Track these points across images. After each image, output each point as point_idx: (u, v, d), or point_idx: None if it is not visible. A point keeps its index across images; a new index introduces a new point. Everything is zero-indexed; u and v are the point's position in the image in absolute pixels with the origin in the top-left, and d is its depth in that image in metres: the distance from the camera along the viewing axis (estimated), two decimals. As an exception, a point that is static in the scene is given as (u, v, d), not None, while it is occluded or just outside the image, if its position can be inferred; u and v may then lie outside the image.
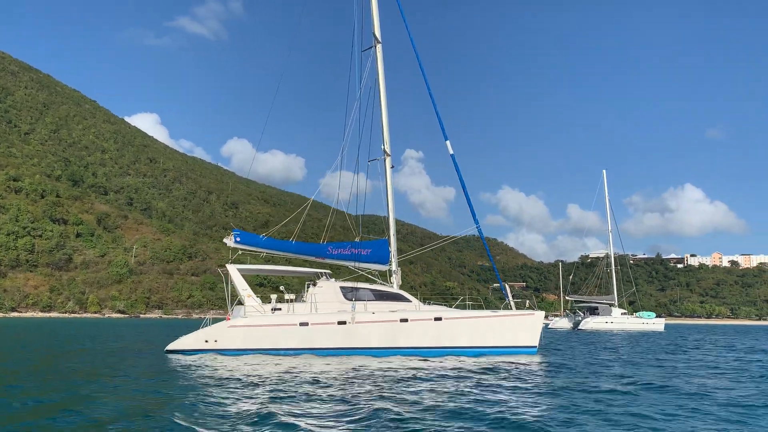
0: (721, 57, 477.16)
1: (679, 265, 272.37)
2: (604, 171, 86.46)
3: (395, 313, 25.03)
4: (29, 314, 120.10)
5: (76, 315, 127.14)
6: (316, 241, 30.95)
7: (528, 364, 21.46)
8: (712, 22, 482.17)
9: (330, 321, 24.33)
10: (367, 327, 24.58)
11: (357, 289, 25.88)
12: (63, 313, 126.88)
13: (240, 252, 27.62)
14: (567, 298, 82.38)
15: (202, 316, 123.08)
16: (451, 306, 28.35)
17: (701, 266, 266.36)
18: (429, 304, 27.55)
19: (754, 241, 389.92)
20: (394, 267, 28.52)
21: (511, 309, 27.51)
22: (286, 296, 26.09)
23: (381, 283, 27.37)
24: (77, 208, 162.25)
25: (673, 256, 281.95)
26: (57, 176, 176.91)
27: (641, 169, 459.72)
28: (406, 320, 24.95)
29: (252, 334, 23.88)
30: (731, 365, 23.37)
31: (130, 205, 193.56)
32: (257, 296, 25.88)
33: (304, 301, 25.88)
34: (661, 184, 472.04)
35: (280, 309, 25.02)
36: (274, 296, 25.79)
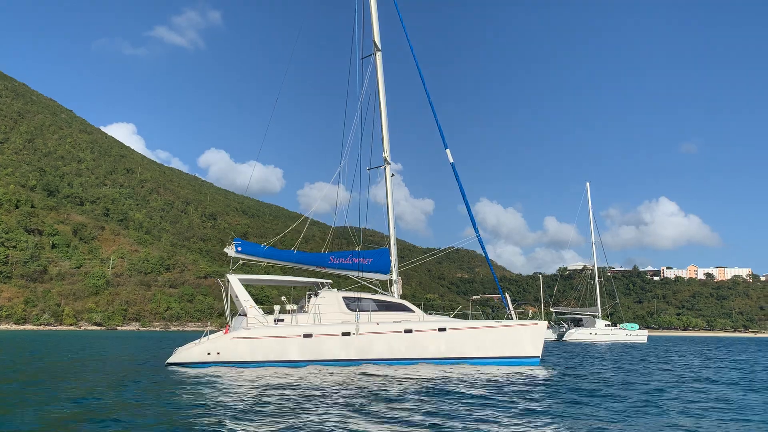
0: (695, 71, 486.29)
1: (656, 278, 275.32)
2: (588, 183, 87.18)
3: (399, 324, 24.64)
4: (3, 327, 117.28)
5: (51, 328, 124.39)
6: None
7: (555, 377, 21.18)
8: (687, 36, 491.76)
9: (334, 332, 23.84)
10: (372, 338, 24.14)
11: (360, 299, 25.44)
12: (38, 325, 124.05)
13: (241, 262, 26.98)
14: (551, 310, 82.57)
15: (180, 329, 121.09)
16: (448, 317, 28.00)
17: (677, 279, 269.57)
18: (431, 314, 27.19)
19: (727, 254, 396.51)
20: (394, 276, 28.19)
21: (513, 319, 27.31)
22: (288, 307, 25.57)
23: (382, 293, 26.97)
24: (53, 218, 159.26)
25: (649, 268, 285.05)
26: (32, 186, 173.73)
27: (618, 182, 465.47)
28: (410, 331, 24.57)
29: (255, 346, 23.28)
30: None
31: (106, 215, 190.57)
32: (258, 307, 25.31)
33: (305, 311, 25.37)
34: (636, 198, 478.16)
35: (282, 320, 24.47)
36: (277, 307, 25.20)
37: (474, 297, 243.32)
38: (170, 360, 23.40)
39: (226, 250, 26.83)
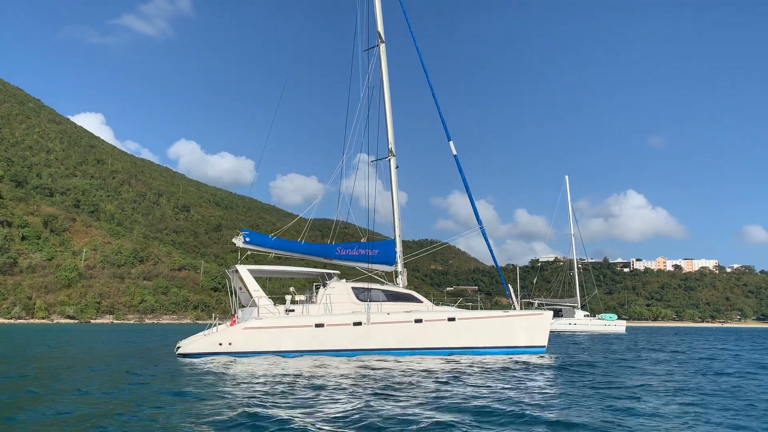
0: (663, 66, 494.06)
1: (626, 269, 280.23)
2: (567, 177, 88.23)
3: (410, 314, 24.83)
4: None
5: (22, 321, 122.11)
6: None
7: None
8: (655, 30, 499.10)
9: (346, 322, 23.94)
10: (383, 328, 24.29)
11: (369, 289, 25.57)
12: (8, 318, 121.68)
13: (248, 252, 26.81)
14: (532, 301, 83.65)
15: (155, 322, 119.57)
16: (454, 307, 28.26)
17: (647, 270, 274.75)
18: (438, 304, 27.43)
19: (693, 246, 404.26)
20: (399, 267, 28.35)
21: (516, 309, 27.70)
22: (297, 297, 25.58)
23: (388, 284, 27.13)
24: (22, 209, 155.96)
25: (619, 260, 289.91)
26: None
27: (586, 176, 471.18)
28: (420, 321, 24.78)
29: (267, 336, 23.25)
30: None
31: (77, 207, 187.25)
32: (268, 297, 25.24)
33: (313, 302, 25.42)
34: (605, 191, 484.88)
35: (293, 310, 24.48)
36: (288, 297, 25.17)
37: (448, 288, 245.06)
38: (181, 350, 23.25)
39: (234, 240, 26.65)
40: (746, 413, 11.16)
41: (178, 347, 24.03)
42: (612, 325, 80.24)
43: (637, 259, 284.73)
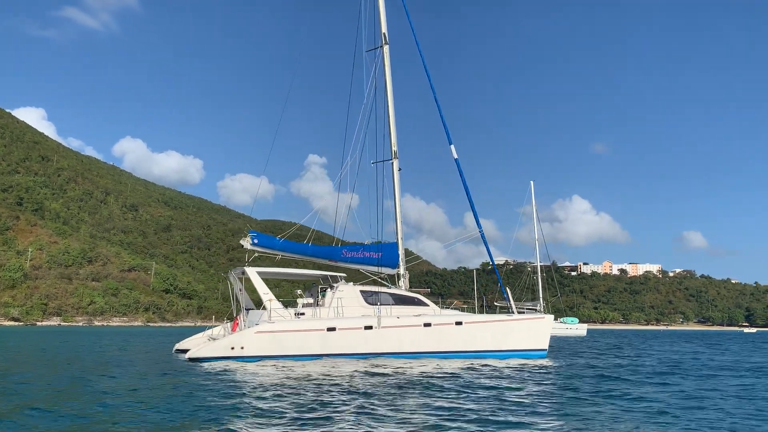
0: (607, 71, 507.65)
1: (573, 273, 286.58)
2: (532, 182, 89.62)
3: (419, 318, 24.79)
4: None
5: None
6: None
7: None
8: (599, 38, 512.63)
9: (357, 326, 23.71)
10: (393, 331, 24.16)
11: (377, 293, 25.43)
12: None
13: (256, 253, 26.21)
14: (496, 304, 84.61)
15: (105, 324, 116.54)
16: (459, 311, 28.37)
17: (593, 274, 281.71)
18: (443, 308, 27.46)
19: (635, 250, 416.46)
20: (402, 270, 28.27)
21: (514, 313, 27.99)
22: (304, 300, 25.21)
23: (393, 287, 27.04)
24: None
25: (567, 264, 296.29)
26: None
27: (533, 181, 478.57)
28: (429, 324, 24.76)
29: (280, 339, 22.80)
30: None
31: (19, 205, 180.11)
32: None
33: (319, 305, 25.11)
34: (551, 196, 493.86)
35: (303, 314, 24.09)
36: (301, 300, 24.74)
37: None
38: (191, 354, 22.56)
39: (242, 242, 26.09)
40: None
41: (177, 349, 23.36)
42: (574, 328, 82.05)
43: (585, 263, 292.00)
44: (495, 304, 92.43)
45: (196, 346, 23.77)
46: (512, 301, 28.78)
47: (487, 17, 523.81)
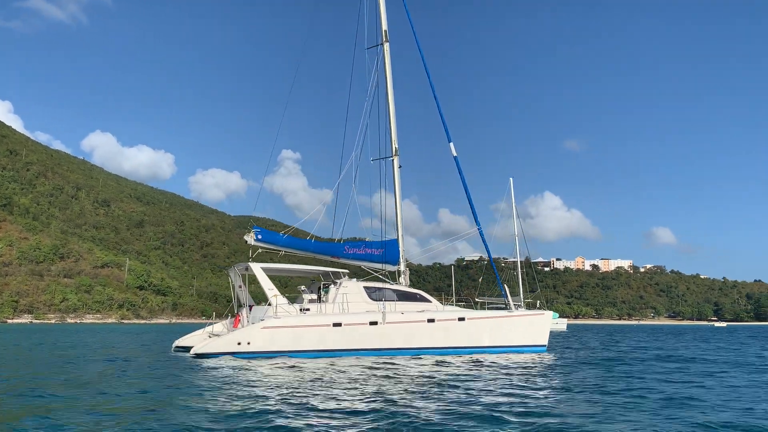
0: (579, 70, 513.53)
1: (546, 269, 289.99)
2: (511, 179, 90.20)
3: (423, 314, 24.96)
4: None
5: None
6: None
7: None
8: (573, 37, 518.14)
9: (362, 321, 23.77)
10: (397, 327, 24.28)
11: (381, 289, 25.52)
12: None
13: (259, 249, 26.02)
14: (477, 299, 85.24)
15: (78, 321, 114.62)
16: (460, 307, 28.57)
17: (566, 269, 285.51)
18: (444, 304, 27.63)
19: (606, 246, 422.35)
20: (402, 267, 28.38)
21: (512, 310, 28.34)
22: (308, 296, 25.19)
23: (395, 283, 27.15)
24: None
25: (540, 259, 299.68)
26: None
27: (506, 177, 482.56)
28: (432, 320, 24.94)
29: (287, 335, 22.74)
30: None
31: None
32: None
33: (323, 301, 25.12)
34: (523, 192, 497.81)
35: (309, 309, 24.07)
36: (306, 296, 24.71)
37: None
38: (197, 350, 22.36)
39: (245, 237, 25.88)
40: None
41: (177, 346, 23.21)
42: (554, 323, 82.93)
43: (557, 259, 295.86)
44: (477, 300, 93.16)
45: (199, 342, 23.61)
46: (510, 299, 29.11)
47: (467, 17, 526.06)
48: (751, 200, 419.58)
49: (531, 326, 26.97)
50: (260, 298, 27.46)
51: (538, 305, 29.55)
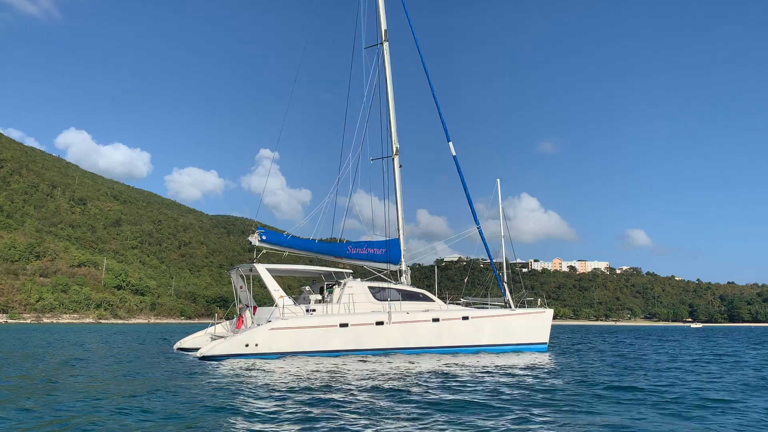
0: (557, 72, 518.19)
1: (524, 270, 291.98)
2: (498, 180, 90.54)
3: (428, 313, 25.00)
4: None
5: None
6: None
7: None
8: (548, 41, 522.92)
9: (369, 321, 23.72)
10: (403, 327, 24.28)
11: (385, 289, 25.49)
12: None
13: (264, 250, 25.85)
14: (462, 300, 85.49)
15: (55, 321, 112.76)
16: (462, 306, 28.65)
17: (544, 270, 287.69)
18: (447, 303, 27.69)
19: (582, 248, 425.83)
20: (403, 266, 28.38)
21: (511, 308, 28.51)
22: (314, 297, 25.07)
23: (398, 283, 27.16)
24: None
25: (519, 261, 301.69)
26: None
27: (484, 178, 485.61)
28: (437, 320, 24.99)
29: (294, 336, 22.59)
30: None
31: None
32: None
33: (327, 301, 25.03)
34: (501, 193, 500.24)
35: (315, 310, 23.94)
36: (313, 297, 24.57)
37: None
38: (204, 353, 22.09)
39: (249, 238, 25.66)
40: None
41: (179, 347, 22.89)
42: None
43: (535, 260, 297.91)
44: (462, 299, 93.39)
45: (203, 344, 23.38)
46: (509, 297, 29.24)
47: (450, 18, 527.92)
48: (724, 203, 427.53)
49: (533, 324, 27.21)
50: (260, 298, 27.28)
51: (539, 303, 29.71)
